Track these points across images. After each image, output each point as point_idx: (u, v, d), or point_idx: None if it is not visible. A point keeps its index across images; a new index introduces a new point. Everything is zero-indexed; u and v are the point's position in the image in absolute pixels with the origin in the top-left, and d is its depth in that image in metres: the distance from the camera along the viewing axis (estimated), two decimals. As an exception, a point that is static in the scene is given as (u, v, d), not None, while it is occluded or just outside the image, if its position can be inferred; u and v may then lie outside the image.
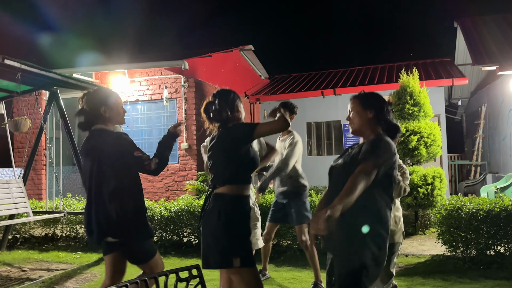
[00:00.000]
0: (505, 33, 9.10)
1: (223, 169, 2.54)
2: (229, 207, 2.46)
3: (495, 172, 9.92)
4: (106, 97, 2.69)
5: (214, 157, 2.59)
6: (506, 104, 9.13)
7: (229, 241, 2.42)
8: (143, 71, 8.90)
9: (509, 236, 4.58)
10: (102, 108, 2.63)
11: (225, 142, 2.56)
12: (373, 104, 2.34)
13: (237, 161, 2.53)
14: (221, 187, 2.50)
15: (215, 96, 2.66)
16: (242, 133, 2.54)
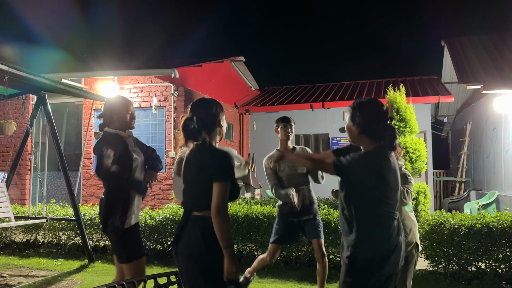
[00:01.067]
0: (490, 53, 9.32)
1: (203, 196, 2.21)
2: (208, 230, 2.18)
3: (479, 189, 10.06)
4: (115, 104, 3.07)
5: (193, 181, 2.29)
6: (490, 122, 9.31)
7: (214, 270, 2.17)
8: (132, 78, 8.89)
9: (490, 252, 4.64)
10: (108, 115, 3.03)
11: (207, 169, 2.22)
12: (360, 121, 2.28)
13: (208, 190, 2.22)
14: (202, 212, 2.22)
15: (194, 110, 2.34)
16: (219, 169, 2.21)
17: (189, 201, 2.30)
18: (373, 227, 2.22)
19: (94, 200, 8.76)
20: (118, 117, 3.03)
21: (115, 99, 3.18)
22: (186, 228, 2.24)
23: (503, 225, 4.59)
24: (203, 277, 2.14)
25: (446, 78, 11.30)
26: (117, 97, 3.18)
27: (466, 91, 10.67)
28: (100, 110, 9.18)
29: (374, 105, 2.32)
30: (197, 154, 2.28)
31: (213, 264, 2.14)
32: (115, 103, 3.08)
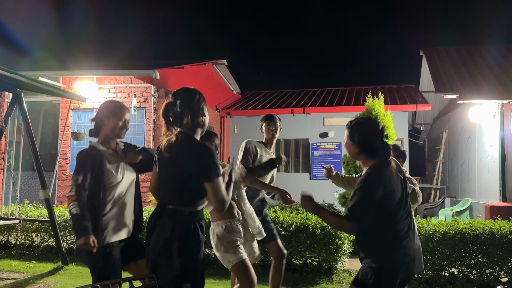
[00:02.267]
0: (466, 64, 9.58)
1: (182, 192, 2.19)
2: (183, 224, 2.18)
3: (453, 196, 10.30)
4: (109, 107, 2.78)
5: (172, 175, 2.23)
6: (465, 131, 9.55)
7: (182, 265, 2.16)
8: (112, 78, 8.78)
9: (463, 258, 4.75)
10: (99, 118, 2.75)
11: (189, 166, 2.17)
12: (359, 140, 2.40)
13: (194, 186, 2.20)
14: (178, 207, 2.19)
15: (176, 95, 2.28)
16: (206, 170, 2.15)
17: (165, 195, 2.25)
18: (390, 235, 2.32)
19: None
20: (108, 121, 2.73)
21: (111, 102, 2.90)
22: (159, 220, 2.22)
23: (476, 231, 4.71)
24: (172, 269, 2.14)
25: (423, 87, 11.56)
26: (113, 101, 2.93)
27: (443, 100, 10.93)
28: (78, 110, 9.08)
29: (371, 124, 2.45)
30: (177, 147, 2.18)
31: (183, 257, 2.15)
32: (109, 106, 2.80)
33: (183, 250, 2.15)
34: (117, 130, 2.74)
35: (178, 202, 2.19)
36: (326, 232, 5.01)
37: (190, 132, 2.24)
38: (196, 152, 2.17)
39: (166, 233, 2.15)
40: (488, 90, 7.62)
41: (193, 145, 2.20)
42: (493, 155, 7.76)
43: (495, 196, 7.55)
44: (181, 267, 2.15)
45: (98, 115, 2.76)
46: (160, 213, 2.23)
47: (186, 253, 2.16)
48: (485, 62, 9.49)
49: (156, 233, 2.20)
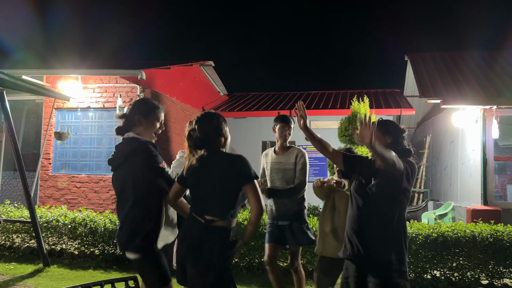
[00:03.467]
0: (450, 69, 9.74)
1: (220, 202, 2.38)
2: (227, 241, 2.35)
3: (436, 200, 10.44)
4: (145, 106, 2.63)
5: (207, 187, 2.41)
6: (449, 136, 9.70)
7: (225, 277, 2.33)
8: (97, 78, 8.68)
9: (445, 260, 4.82)
10: (137, 116, 2.56)
11: (222, 173, 2.39)
12: (391, 131, 2.74)
13: (234, 196, 2.40)
14: (219, 221, 2.35)
15: (199, 122, 2.51)
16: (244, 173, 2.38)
17: (208, 209, 2.36)
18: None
19: (51, 202, 8.45)
20: (147, 122, 2.57)
21: (147, 101, 2.74)
22: (204, 236, 2.32)
23: (458, 234, 4.78)
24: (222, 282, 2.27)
25: (408, 91, 11.70)
26: (150, 99, 2.76)
27: (427, 105, 11.09)
28: (62, 110, 8.93)
29: (396, 124, 2.90)
30: (208, 162, 2.39)
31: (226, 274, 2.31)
32: (146, 106, 2.64)
33: (229, 261, 2.34)
34: (153, 132, 2.62)
35: (223, 216, 2.34)
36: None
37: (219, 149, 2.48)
38: (230, 161, 2.40)
39: (213, 249, 2.29)
40: (471, 95, 7.76)
41: (224, 156, 2.44)
42: (475, 160, 7.90)
43: (477, 200, 7.68)
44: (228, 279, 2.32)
45: (132, 113, 2.59)
46: (205, 228, 2.33)
47: (229, 264, 2.36)
48: (469, 68, 9.65)
49: (200, 248, 2.30)
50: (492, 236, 4.72)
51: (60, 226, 5.88)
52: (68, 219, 5.86)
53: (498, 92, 7.81)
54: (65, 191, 8.62)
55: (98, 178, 8.50)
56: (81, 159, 8.74)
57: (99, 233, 5.70)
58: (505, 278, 4.78)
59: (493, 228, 4.88)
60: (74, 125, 8.78)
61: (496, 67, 9.63)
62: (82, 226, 5.78)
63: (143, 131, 2.54)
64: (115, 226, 5.65)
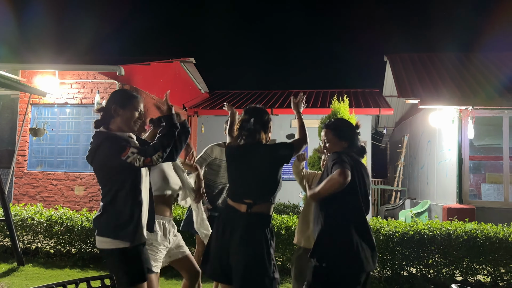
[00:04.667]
0: (428, 70, 9.92)
1: (262, 187, 2.58)
2: (269, 227, 2.51)
3: (413, 198, 10.64)
4: (122, 96, 2.54)
5: (250, 175, 2.60)
6: (426, 135, 9.89)
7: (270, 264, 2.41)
8: (75, 73, 8.51)
9: (421, 258, 4.91)
10: (113, 106, 2.46)
11: (265, 161, 2.61)
12: (346, 136, 2.76)
13: (276, 180, 2.61)
14: (260, 206, 2.51)
15: (250, 114, 2.72)
16: (284, 153, 2.66)
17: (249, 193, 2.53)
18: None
19: (26, 200, 8.25)
20: (124, 113, 2.47)
21: (124, 92, 2.68)
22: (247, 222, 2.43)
23: (434, 232, 4.88)
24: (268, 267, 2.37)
25: (387, 91, 11.87)
26: (127, 89, 2.73)
27: (405, 105, 11.28)
28: (38, 105, 8.72)
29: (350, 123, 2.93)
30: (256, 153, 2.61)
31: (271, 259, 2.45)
32: (124, 96, 2.56)
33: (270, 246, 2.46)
34: (132, 122, 2.51)
35: (266, 199, 2.53)
36: (290, 232, 5.05)
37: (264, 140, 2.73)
38: (272, 149, 2.66)
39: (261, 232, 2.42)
40: (448, 96, 7.92)
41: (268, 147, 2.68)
42: (451, 159, 8.08)
43: (452, 198, 7.86)
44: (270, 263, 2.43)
45: (109, 104, 2.51)
46: (247, 214, 2.47)
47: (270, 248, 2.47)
48: (446, 70, 9.86)
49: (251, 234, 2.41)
50: (467, 234, 4.83)
51: (35, 224, 5.75)
52: (44, 217, 5.74)
53: (474, 93, 8.01)
54: (41, 188, 8.43)
55: (75, 176, 8.35)
56: (57, 156, 8.56)
57: (76, 231, 5.59)
58: (479, 274, 4.91)
59: (468, 226, 5.01)
60: (51, 121, 8.59)
61: (472, 69, 9.87)
62: (58, 224, 5.67)
63: (121, 122, 2.46)
64: (92, 225, 5.55)
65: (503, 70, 9.58)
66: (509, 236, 4.79)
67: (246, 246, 2.34)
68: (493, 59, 10.73)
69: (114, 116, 2.46)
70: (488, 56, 11.01)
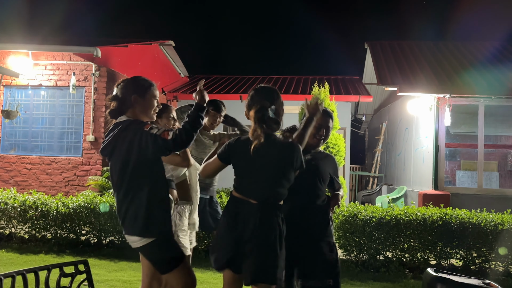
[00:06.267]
0: (407, 58, 10.02)
1: (275, 187, 2.36)
2: (281, 216, 2.37)
3: (390, 184, 10.83)
4: (140, 85, 2.43)
5: (263, 169, 2.35)
6: (404, 123, 10.03)
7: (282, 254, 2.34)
8: (49, 54, 8.23)
9: (397, 242, 5.01)
10: (133, 96, 2.37)
11: (280, 162, 2.36)
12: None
13: (289, 179, 2.40)
14: (272, 200, 2.36)
15: (268, 97, 2.38)
16: (301, 160, 2.39)
17: (266, 192, 2.34)
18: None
19: (0, 184, 8.03)
20: (145, 101, 2.39)
21: (140, 80, 2.51)
22: (261, 213, 2.28)
23: (409, 217, 4.98)
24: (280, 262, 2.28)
25: (367, 79, 11.95)
26: (141, 78, 2.53)
27: (384, 92, 11.38)
28: (11, 87, 8.43)
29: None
30: (272, 145, 2.32)
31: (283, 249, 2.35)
32: (141, 85, 2.45)
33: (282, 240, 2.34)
34: (152, 111, 2.44)
35: (279, 199, 2.37)
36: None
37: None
38: (285, 147, 2.37)
39: (276, 229, 2.29)
40: (426, 84, 8.03)
41: (279, 140, 2.39)
42: (428, 146, 8.22)
43: (428, 185, 8.03)
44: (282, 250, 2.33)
45: (127, 93, 2.40)
46: (260, 206, 2.30)
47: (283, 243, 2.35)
48: (425, 58, 9.97)
49: (266, 228, 2.29)
50: (442, 219, 4.94)
51: (8, 209, 5.60)
52: (18, 202, 5.59)
53: (451, 81, 8.13)
54: (14, 172, 8.21)
55: (50, 160, 8.15)
56: (31, 140, 8.33)
57: (51, 216, 5.48)
58: (452, 258, 5.05)
59: (443, 212, 5.12)
60: (24, 103, 8.33)
61: (449, 57, 10.01)
62: (33, 209, 5.54)
63: (141, 111, 2.39)
64: (68, 210, 5.45)
65: (480, 59, 9.75)
66: (481, 222, 4.92)
67: (260, 233, 2.28)
68: (470, 48, 10.91)
69: (133, 105, 2.37)
70: (466, 45, 11.19)
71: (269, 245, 2.28)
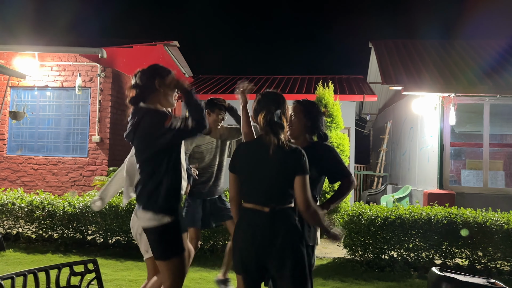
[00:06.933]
0: (412, 57, 9.99)
1: (283, 191, 2.28)
2: (297, 220, 2.29)
3: (395, 184, 10.81)
4: (161, 70, 2.49)
5: (270, 176, 2.27)
6: (408, 122, 10.01)
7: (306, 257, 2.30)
8: (55, 55, 8.30)
9: (402, 242, 5.01)
10: (157, 81, 2.41)
11: (288, 167, 2.26)
12: (313, 114, 2.67)
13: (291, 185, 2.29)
14: (282, 205, 2.27)
15: (274, 102, 2.37)
16: (302, 165, 2.27)
17: (273, 197, 2.26)
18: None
19: (6, 185, 8.10)
20: (166, 87, 2.43)
21: (159, 66, 2.58)
22: (275, 222, 2.21)
23: (414, 217, 4.98)
24: (302, 265, 2.19)
25: (371, 78, 11.93)
26: (160, 65, 2.60)
27: (388, 92, 11.36)
28: (17, 88, 8.50)
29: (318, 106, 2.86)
30: (279, 150, 2.24)
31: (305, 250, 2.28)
32: (162, 70, 2.51)
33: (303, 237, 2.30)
34: (173, 97, 2.51)
35: (286, 202, 2.26)
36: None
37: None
38: (295, 151, 2.28)
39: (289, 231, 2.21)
40: (431, 83, 8.01)
41: (290, 146, 2.30)
42: (433, 145, 8.20)
43: (433, 184, 8.01)
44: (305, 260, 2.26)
45: (149, 80, 2.45)
46: (273, 215, 2.22)
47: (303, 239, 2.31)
48: (429, 57, 9.94)
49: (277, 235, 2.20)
50: (447, 219, 4.94)
51: (16, 209, 5.66)
52: (25, 202, 5.65)
53: (456, 80, 8.10)
54: (21, 173, 8.28)
55: (57, 160, 8.21)
56: (38, 140, 8.40)
57: (57, 216, 5.53)
58: (457, 258, 5.04)
59: (448, 211, 5.12)
60: (31, 104, 8.40)
61: (454, 56, 9.97)
62: (40, 209, 5.59)
63: (163, 97, 2.44)
64: (74, 210, 5.50)
65: (485, 58, 9.71)
66: (487, 221, 4.91)
67: (280, 247, 2.19)
68: (475, 46, 10.86)
69: (157, 90, 2.41)
70: (471, 44, 11.14)
71: (294, 252, 2.20)
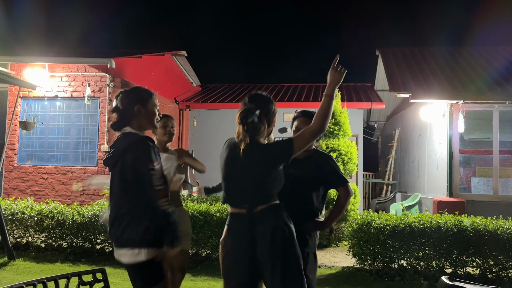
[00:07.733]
0: (419, 64, 9.97)
1: (260, 189, 2.24)
2: (285, 215, 2.25)
3: (404, 191, 10.72)
4: (141, 94, 2.42)
5: (246, 176, 2.25)
6: (417, 129, 9.95)
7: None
8: (65, 66, 8.41)
9: (411, 250, 4.96)
10: (136, 107, 2.35)
11: (261, 163, 2.23)
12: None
13: (273, 181, 2.26)
14: (261, 206, 2.22)
15: (255, 102, 2.32)
16: (281, 152, 2.24)
17: (248, 198, 2.24)
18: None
19: (17, 194, 8.18)
20: (146, 112, 2.36)
21: (141, 90, 2.49)
22: (257, 223, 2.18)
23: (424, 225, 4.93)
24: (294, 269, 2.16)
25: (379, 85, 11.91)
26: (141, 88, 2.52)
27: (396, 99, 11.32)
28: (28, 98, 8.62)
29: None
30: (255, 149, 2.22)
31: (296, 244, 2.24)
32: (143, 94, 2.42)
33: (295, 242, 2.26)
34: (155, 120, 2.42)
35: (266, 201, 2.23)
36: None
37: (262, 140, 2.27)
38: (270, 144, 2.30)
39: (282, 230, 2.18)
40: (439, 90, 7.97)
41: (263, 146, 2.26)
42: (442, 153, 8.14)
43: (443, 192, 7.94)
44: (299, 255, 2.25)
45: (129, 104, 2.37)
46: (251, 217, 2.20)
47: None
48: (437, 64, 9.91)
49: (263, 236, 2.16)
50: (457, 227, 4.89)
51: (26, 218, 5.71)
52: (35, 211, 5.70)
53: (464, 87, 8.06)
54: (31, 182, 8.36)
55: (66, 170, 8.28)
56: (48, 150, 8.49)
57: (67, 225, 5.57)
58: (468, 266, 4.97)
59: (458, 219, 5.06)
60: (41, 114, 8.50)
61: (462, 63, 9.93)
62: (49, 218, 5.63)
63: (145, 122, 2.38)
64: (83, 219, 5.54)
65: (493, 64, 9.65)
66: (498, 229, 4.85)
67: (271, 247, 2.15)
68: (483, 53, 10.81)
69: (137, 116, 2.36)
70: (479, 50, 11.09)
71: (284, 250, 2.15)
